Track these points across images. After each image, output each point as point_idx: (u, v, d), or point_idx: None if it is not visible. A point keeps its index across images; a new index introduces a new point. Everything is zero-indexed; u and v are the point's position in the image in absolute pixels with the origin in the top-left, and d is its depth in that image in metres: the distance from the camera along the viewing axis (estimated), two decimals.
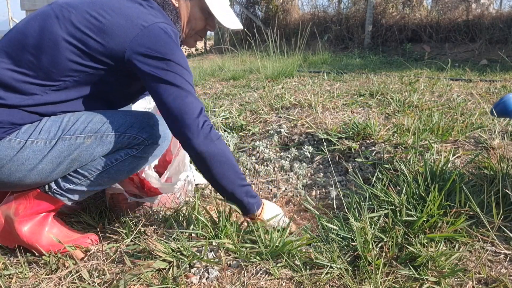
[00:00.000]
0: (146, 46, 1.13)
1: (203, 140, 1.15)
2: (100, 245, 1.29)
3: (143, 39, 1.13)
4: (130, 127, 1.20)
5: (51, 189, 1.20)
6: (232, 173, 1.21)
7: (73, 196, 1.24)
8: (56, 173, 1.16)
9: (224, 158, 1.19)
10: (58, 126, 1.15)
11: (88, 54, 1.12)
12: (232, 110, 2.62)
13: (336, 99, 2.73)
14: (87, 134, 1.16)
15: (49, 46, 1.11)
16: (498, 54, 5.08)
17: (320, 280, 1.04)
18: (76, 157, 1.16)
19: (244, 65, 4.94)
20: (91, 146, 1.16)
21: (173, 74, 1.15)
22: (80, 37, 1.11)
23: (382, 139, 1.92)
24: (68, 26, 1.12)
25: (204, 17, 1.34)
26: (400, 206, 1.28)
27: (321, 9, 8.28)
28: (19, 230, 1.23)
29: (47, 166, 1.14)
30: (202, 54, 9.38)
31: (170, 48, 1.15)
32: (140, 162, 1.26)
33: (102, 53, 1.13)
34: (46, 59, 1.11)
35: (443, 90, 2.98)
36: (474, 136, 1.86)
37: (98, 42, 1.12)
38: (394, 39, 6.92)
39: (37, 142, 1.12)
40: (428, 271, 1.04)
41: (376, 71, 4.48)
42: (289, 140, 2.16)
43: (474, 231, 1.18)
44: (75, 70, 1.13)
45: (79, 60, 1.12)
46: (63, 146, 1.14)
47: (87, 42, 1.12)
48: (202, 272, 1.11)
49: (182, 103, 1.14)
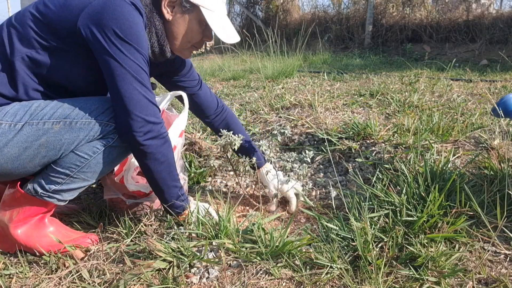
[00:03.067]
0: (100, 17, 1.09)
1: (145, 134, 1.15)
2: (100, 245, 1.29)
3: (96, 8, 1.10)
4: (101, 113, 1.17)
5: (38, 192, 1.18)
6: (167, 174, 1.24)
7: (62, 196, 1.21)
8: (24, 158, 1.13)
9: (163, 157, 1.20)
10: (26, 111, 1.13)
11: (45, 24, 1.13)
12: (233, 110, 2.62)
13: (336, 99, 2.73)
14: (56, 119, 1.13)
15: (19, 20, 1.15)
16: (499, 54, 5.08)
17: (320, 280, 1.04)
18: (44, 143, 1.13)
19: (244, 65, 4.94)
20: (59, 132, 1.13)
21: (125, 57, 1.11)
22: (42, 10, 1.13)
23: (382, 139, 1.92)
24: (39, 5, 1.15)
25: (201, 30, 1.30)
26: (400, 206, 1.28)
27: (321, 9, 8.29)
28: (14, 234, 1.23)
29: (12, 150, 1.11)
30: (202, 54, 9.38)
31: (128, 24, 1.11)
32: (120, 152, 1.22)
33: (55, 23, 1.12)
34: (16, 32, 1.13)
35: (444, 90, 2.98)
36: (474, 136, 1.86)
37: (55, 13, 1.12)
38: (395, 39, 6.92)
39: (0, 124, 1.11)
40: (428, 271, 1.04)
41: (377, 71, 4.48)
42: (290, 140, 2.16)
43: (474, 231, 1.18)
44: (35, 40, 1.13)
45: (36, 29, 1.13)
46: (30, 131, 1.11)
47: (46, 14, 1.12)
48: (202, 272, 1.11)
49: (133, 91, 1.12)
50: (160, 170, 1.21)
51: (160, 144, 1.19)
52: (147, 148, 1.16)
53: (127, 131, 1.14)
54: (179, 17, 1.26)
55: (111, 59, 1.11)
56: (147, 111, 1.15)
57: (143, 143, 1.15)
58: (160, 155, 1.20)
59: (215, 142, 2.18)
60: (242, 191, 1.75)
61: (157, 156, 1.19)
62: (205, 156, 2.06)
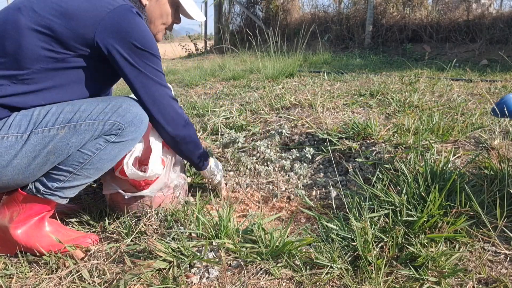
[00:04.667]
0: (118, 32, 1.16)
1: (174, 127, 1.34)
2: (100, 245, 1.29)
3: (112, 22, 1.16)
4: (103, 113, 1.19)
5: (40, 191, 1.19)
6: (194, 149, 1.47)
7: (64, 194, 1.22)
8: (33, 167, 1.14)
9: (190, 139, 1.42)
10: (29, 120, 1.13)
11: (55, 39, 1.12)
12: (233, 110, 2.62)
13: (336, 99, 2.73)
14: (60, 125, 1.14)
15: (11, 34, 1.12)
16: (499, 54, 5.08)
17: (321, 280, 1.04)
18: (52, 150, 1.14)
19: (245, 65, 4.94)
20: (65, 137, 1.14)
21: (145, 64, 1.24)
22: (45, 23, 1.12)
23: (382, 139, 1.92)
24: (31, 14, 1.13)
25: (174, 11, 1.44)
26: (401, 206, 1.28)
27: (322, 9, 8.29)
28: (14, 234, 1.22)
29: (22, 161, 1.12)
30: (202, 54, 9.38)
31: (143, 35, 1.21)
32: (122, 148, 1.24)
33: (70, 38, 1.13)
34: (10, 45, 1.11)
35: (444, 90, 2.98)
36: (474, 136, 1.86)
37: (64, 26, 1.12)
38: (395, 39, 6.93)
39: (7, 137, 1.10)
40: (428, 271, 1.04)
41: (377, 71, 4.48)
42: (290, 140, 2.16)
43: (474, 231, 1.18)
44: (44, 56, 1.12)
45: (47, 46, 1.12)
46: (37, 140, 1.12)
47: (52, 27, 1.11)
48: (202, 272, 1.11)
49: (154, 94, 1.27)
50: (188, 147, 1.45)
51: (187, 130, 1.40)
52: (178, 138, 1.38)
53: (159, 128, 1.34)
54: (154, 2, 1.39)
55: (139, 72, 1.23)
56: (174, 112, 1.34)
57: (175, 135, 1.37)
58: (188, 138, 1.42)
59: (215, 142, 2.18)
60: (242, 191, 1.75)
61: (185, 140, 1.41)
62: None
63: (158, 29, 1.44)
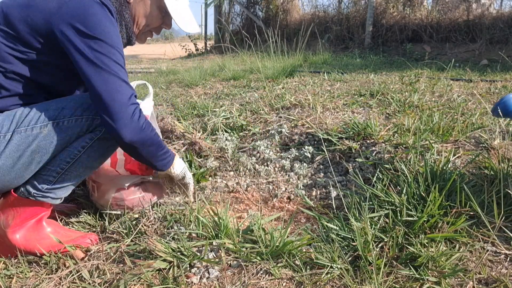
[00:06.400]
0: (75, 20, 1.08)
1: (132, 130, 1.13)
2: (100, 245, 1.29)
3: (70, 11, 1.09)
4: (87, 109, 1.16)
5: (31, 193, 1.18)
6: (156, 150, 1.26)
7: (56, 194, 1.21)
8: (19, 167, 1.12)
9: (151, 142, 1.20)
10: (11, 120, 1.12)
11: (17, 38, 1.10)
12: (233, 110, 2.62)
13: (336, 99, 2.73)
14: (42, 123, 1.13)
15: None
16: (499, 54, 5.07)
17: (321, 280, 1.04)
18: (36, 149, 1.12)
19: (245, 65, 4.94)
20: (49, 135, 1.13)
21: (102, 55, 1.09)
22: (9, 21, 1.10)
23: (382, 139, 1.92)
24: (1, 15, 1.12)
25: (161, 16, 1.34)
26: (401, 206, 1.28)
27: (322, 9, 8.29)
28: (13, 239, 1.22)
29: (6, 161, 1.10)
30: (202, 54, 9.39)
31: (102, 24, 1.10)
32: (109, 144, 1.22)
33: (29, 33, 1.10)
34: None
35: (444, 90, 2.98)
36: (474, 136, 1.86)
37: (23, 21, 1.09)
38: (395, 39, 6.92)
39: None
40: (428, 271, 1.04)
41: (377, 71, 4.48)
42: (290, 140, 2.16)
43: (474, 231, 1.18)
44: (10, 55, 1.11)
45: (11, 45, 1.10)
46: (20, 139, 1.11)
47: (15, 25, 1.10)
48: (202, 272, 1.11)
49: (111, 89, 1.10)
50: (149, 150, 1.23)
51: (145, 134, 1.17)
52: (135, 143, 1.16)
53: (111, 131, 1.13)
54: (139, 1, 1.30)
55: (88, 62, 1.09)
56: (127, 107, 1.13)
57: (129, 142, 1.14)
58: (149, 141, 1.20)
59: (215, 142, 2.18)
60: (242, 191, 1.75)
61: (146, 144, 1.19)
62: (205, 156, 2.06)
63: (141, 29, 1.35)
